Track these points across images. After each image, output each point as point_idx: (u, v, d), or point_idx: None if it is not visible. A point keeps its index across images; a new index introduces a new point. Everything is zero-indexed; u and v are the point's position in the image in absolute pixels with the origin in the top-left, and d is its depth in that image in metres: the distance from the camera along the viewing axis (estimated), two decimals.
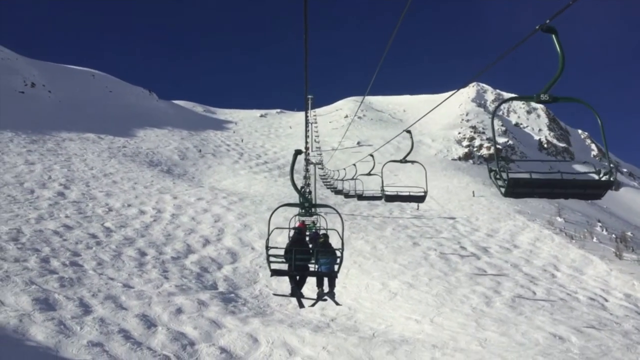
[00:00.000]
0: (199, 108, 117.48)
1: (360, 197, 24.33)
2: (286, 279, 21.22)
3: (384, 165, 17.01)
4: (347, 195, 29.46)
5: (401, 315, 20.72)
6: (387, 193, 17.69)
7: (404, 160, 14.54)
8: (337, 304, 12.61)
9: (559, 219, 43.57)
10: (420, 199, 17.23)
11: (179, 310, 18.69)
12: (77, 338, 15.03)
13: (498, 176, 5.78)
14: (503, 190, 5.73)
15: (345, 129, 78.05)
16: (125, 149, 59.76)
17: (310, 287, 13.32)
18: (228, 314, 19.14)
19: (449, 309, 21.19)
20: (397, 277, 25.69)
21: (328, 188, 40.70)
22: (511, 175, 5.62)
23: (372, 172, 19.59)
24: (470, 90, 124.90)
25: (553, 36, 5.47)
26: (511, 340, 17.48)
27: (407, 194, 18.36)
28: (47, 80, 78.68)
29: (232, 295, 22.51)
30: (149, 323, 17.13)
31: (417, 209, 44.60)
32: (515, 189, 5.70)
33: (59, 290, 18.43)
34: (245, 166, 63.43)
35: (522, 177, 5.72)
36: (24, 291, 17.51)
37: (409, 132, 14.33)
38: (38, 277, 19.28)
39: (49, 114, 65.15)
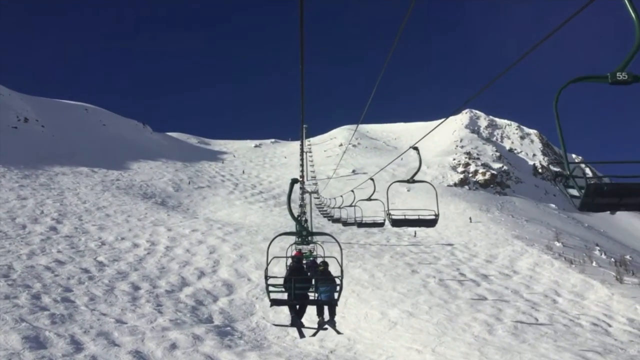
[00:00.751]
0: (193, 139, 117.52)
1: (360, 225, 22.99)
2: (284, 309, 20.75)
3: (389, 185, 15.16)
4: (345, 224, 27.86)
5: (402, 346, 20.20)
6: (393, 217, 15.29)
7: (411, 180, 13.01)
8: (338, 332, 12.20)
9: (557, 244, 43.20)
10: (431, 222, 15.13)
11: (174, 346, 18.15)
12: None
13: (572, 183, 4.58)
14: (578, 201, 4.51)
15: (340, 157, 77.95)
16: (118, 182, 59.40)
17: (308, 318, 12.92)
18: (224, 349, 18.60)
19: (451, 337, 20.70)
20: (396, 305, 25.22)
21: (325, 216, 40.31)
22: (594, 182, 4.45)
23: (372, 197, 18.13)
24: (463, 117, 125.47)
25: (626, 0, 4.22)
26: None
27: (417, 217, 16.00)
28: (40, 115, 78.60)
29: (228, 328, 21.97)
30: None
31: (415, 236, 44.22)
32: (595, 199, 4.42)
33: (50, 328, 17.91)
34: (240, 196, 63.03)
35: (605, 182, 4.51)
36: (14, 329, 17.00)
37: (416, 148, 12.73)
38: (28, 314, 18.78)
39: (42, 148, 64.87)
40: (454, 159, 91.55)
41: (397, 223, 15.50)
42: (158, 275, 28.34)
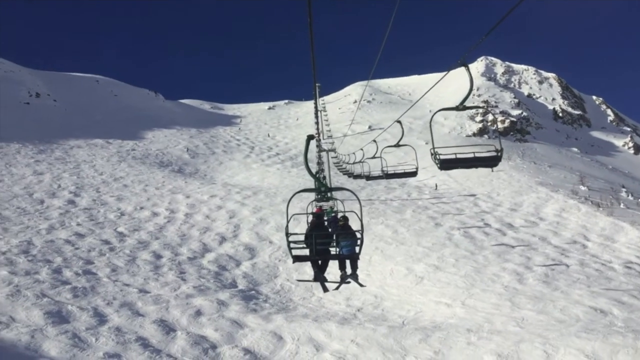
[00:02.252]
0: (206, 105, 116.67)
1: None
2: (307, 269, 20.60)
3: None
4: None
5: (430, 300, 19.78)
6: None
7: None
8: (360, 285, 12.38)
9: (583, 188, 42.30)
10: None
11: (198, 313, 17.87)
12: (93, 350, 14.25)
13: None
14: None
15: (354, 114, 76.89)
16: (134, 151, 59.08)
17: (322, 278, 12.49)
18: (249, 313, 18.29)
19: (480, 289, 20.20)
20: (421, 260, 24.72)
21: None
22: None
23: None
24: (479, 65, 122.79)
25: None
26: (550, 318, 16.49)
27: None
28: (51, 89, 78.17)
29: (253, 292, 21.68)
30: (168, 328, 16.32)
31: (436, 188, 43.51)
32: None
33: (72, 301, 17.67)
34: (257, 159, 62.52)
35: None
36: (36, 305, 16.77)
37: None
38: (50, 289, 18.54)
39: (55, 122, 64.63)
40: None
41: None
42: (179, 242, 28.08)
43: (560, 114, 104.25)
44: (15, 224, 27.58)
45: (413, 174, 21.07)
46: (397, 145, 17.70)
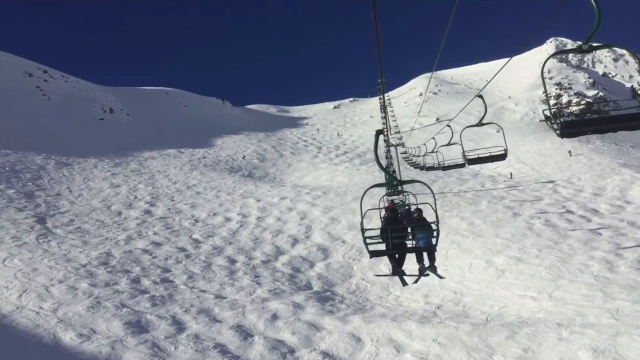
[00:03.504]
0: (272, 109, 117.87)
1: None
2: (383, 266, 20.13)
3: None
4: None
5: (514, 294, 18.81)
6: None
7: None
8: (440, 277, 12.17)
9: None
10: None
11: (275, 317, 17.66)
12: (173, 359, 14.26)
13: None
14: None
15: (420, 107, 75.53)
16: (205, 159, 60.16)
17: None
18: (326, 315, 17.92)
19: (568, 280, 19.05)
20: (502, 252, 23.67)
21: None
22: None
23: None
24: (548, 47, 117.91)
25: None
26: None
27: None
28: (124, 104, 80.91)
29: (328, 293, 21.34)
30: (245, 334, 16.18)
31: (511, 177, 41.92)
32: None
33: (151, 311, 17.85)
34: (325, 159, 62.41)
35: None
36: (116, 316, 17.01)
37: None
38: (129, 299, 18.82)
39: (129, 136, 66.77)
40: (544, 92, 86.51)
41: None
42: (253, 247, 28.14)
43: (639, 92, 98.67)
44: (94, 237, 28.39)
45: (502, 157, 17.80)
46: (480, 124, 15.98)
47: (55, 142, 55.07)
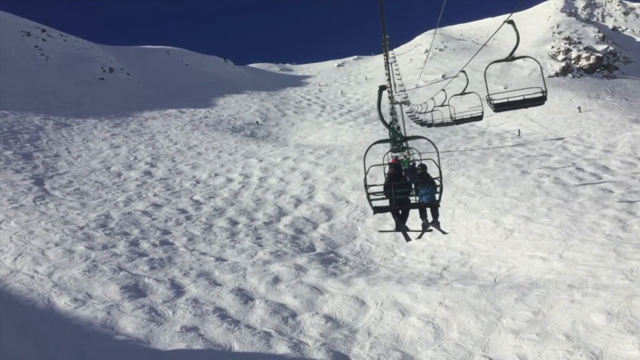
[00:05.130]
0: (275, 68, 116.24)
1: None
2: (388, 225, 19.59)
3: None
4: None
5: (523, 255, 18.24)
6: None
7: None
8: (443, 232, 12.26)
9: None
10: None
11: (276, 280, 17.17)
12: (170, 324, 13.82)
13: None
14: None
15: (424, 64, 74.03)
16: (207, 119, 59.22)
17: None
18: (329, 277, 17.41)
19: (579, 240, 18.44)
20: (510, 211, 23.04)
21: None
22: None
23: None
24: (557, 1, 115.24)
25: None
26: None
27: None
28: (124, 63, 79.53)
29: (332, 255, 20.82)
30: (246, 297, 15.71)
31: (519, 135, 41.05)
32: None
33: (149, 274, 17.38)
34: (329, 118, 61.40)
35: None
36: (112, 280, 16.55)
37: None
38: (127, 262, 18.34)
39: (129, 96, 65.64)
40: (552, 47, 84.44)
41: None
42: (254, 207, 27.58)
43: None
44: (93, 198, 27.84)
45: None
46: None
47: (53, 102, 54.11)
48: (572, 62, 78.83)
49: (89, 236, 21.14)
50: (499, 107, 14.12)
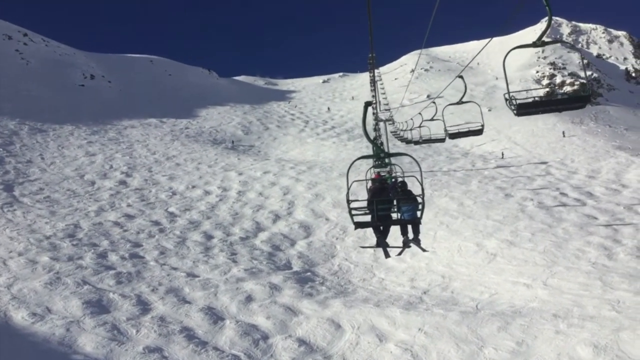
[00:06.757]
0: (260, 81, 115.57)
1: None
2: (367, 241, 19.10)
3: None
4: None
5: (506, 280, 17.65)
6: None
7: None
8: (423, 250, 12.14)
9: None
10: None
11: (249, 298, 16.40)
12: (132, 344, 12.97)
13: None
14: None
15: (409, 83, 73.94)
16: (187, 130, 58.23)
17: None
18: (305, 297, 16.66)
19: (564, 267, 17.91)
20: (493, 235, 22.50)
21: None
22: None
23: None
24: (543, 26, 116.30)
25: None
26: None
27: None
28: (106, 71, 78.34)
29: (308, 274, 20.07)
30: (216, 317, 14.91)
31: (502, 157, 40.78)
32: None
33: (115, 288, 16.49)
34: (312, 134, 60.75)
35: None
36: (75, 293, 15.65)
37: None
38: (92, 275, 17.45)
39: (109, 103, 64.43)
40: (537, 72, 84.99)
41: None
42: (231, 222, 26.77)
43: (634, 74, 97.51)
44: (63, 207, 26.82)
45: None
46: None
47: (31, 107, 52.74)
48: (557, 87, 79.34)
49: (55, 246, 20.21)
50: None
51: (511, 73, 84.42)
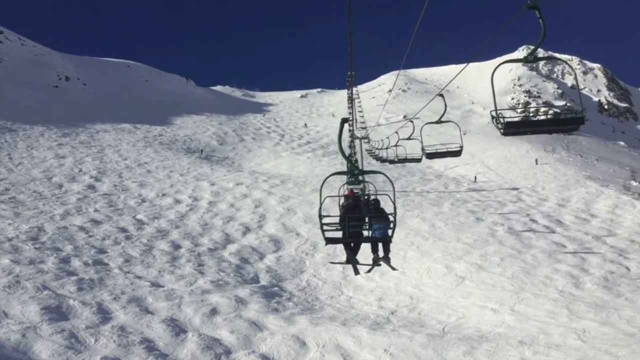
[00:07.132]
0: (237, 92, 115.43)
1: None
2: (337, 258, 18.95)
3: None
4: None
5: (474, 304, 17.57)
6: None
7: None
8: (393, 268, 12.00)
9: (635, 183, 39.46)
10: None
11: (214, 311, 16.02)
12: (90, 353, 12.48)
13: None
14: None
15: (387, 102, 74.50)
16: (161, 137, 57.62)
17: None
18: (270, 313, 16.34)
19: (531, 293, 17.91)
20: (462, 258, 22.47)
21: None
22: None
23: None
24: (519, 54, 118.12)
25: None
26: (617, 331, 14.20)
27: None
28: (81, 73, 77.37)
29: (276, 288, 19.75)
30: (178, 329, 14.49)
31: (475, 181, 41.05)
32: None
33: (76, 295, 15.98)
34: (287, 147, 60.59)
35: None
36: (34, 299, 15.10)
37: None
38: (53, 280, 16.90)
39: (83, 106, 63.51)
40: (513, 99, 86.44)
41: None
42: (200, 232, 26.35)
43: (606, 106, 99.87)
44: (28, 209, 26.14)
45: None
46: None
47: (1, 105, 51.70)
48: (531, 114, 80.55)
49: (17, 249, 19.60)
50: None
51: (487, 99, 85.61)
